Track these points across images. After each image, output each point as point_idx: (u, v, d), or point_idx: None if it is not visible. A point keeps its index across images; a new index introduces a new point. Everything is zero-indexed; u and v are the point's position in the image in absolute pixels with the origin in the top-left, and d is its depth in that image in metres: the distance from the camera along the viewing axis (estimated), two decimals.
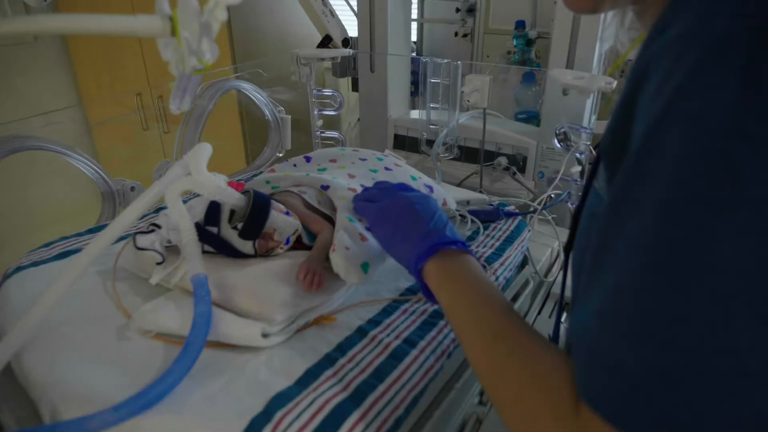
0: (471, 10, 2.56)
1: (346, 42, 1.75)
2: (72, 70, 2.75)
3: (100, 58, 2.68)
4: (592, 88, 1.15)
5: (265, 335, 0.69)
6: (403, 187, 0.77)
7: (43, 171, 1.74)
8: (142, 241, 0.77)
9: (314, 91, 1.61)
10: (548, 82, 1.42)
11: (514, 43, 2.31)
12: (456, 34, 2.66)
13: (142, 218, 1.04)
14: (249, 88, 1.41)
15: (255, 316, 0.71)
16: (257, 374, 0.65)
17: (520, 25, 2.28)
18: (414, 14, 2.72)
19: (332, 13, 1.72)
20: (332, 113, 1.65)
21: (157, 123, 2.46)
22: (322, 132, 1.69)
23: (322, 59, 1.59)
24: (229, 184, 0.74)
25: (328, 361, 0.68)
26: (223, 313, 0.71)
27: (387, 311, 0.80)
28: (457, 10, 2.57)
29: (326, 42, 1.76)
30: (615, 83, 1.16)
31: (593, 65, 1.36)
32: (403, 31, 1.73)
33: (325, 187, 0.93)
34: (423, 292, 0.62)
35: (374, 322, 0.77)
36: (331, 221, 0.88)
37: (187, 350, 0.64)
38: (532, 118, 2.13)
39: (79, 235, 1.02)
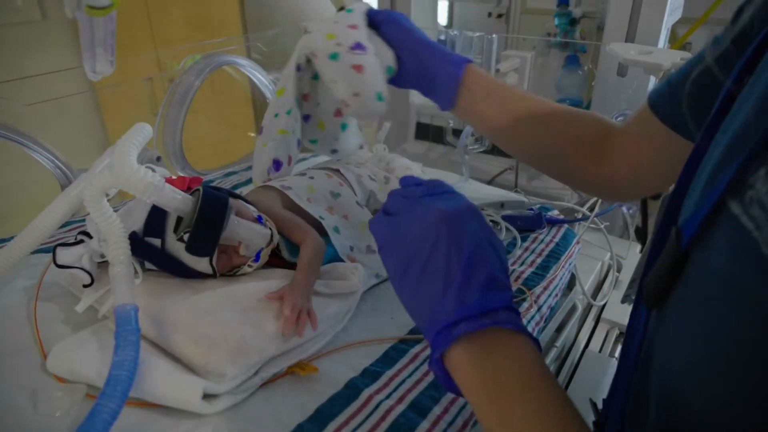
0: None
1: None
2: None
3: None
4: (664, 65, 0.91)
5: (210, 396, 0.49)
6: (437, 188, 0.49)
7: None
8: (65, 256, 0.57)
9: None
10: (602, 60, 1.18)
11: (556, 22, 2.05)
12: (490, 14, 2.40)
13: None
14: (246, 65, 1.21)
15: (200, 368, 0.50)
16: None
17: (564, 2, 2.02)
18: None
19: None
20: None
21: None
22: None
23: None
24: (177, 180, 0.54)
25: None
26: (155, 362, 0.51)
27: (389, 357, 0.58)
28: None
29: None
30: None
31: (660, 41, 1.11)
32: (430, 0, 1.50)
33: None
34: (442, 382, 0.41)
35: (370, 374, 0.56)
36: (321, 227, 0.67)
37: (92, 419, 0.44)
38: (575, 106, 1.88)
39: None
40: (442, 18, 2.55)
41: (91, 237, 0.59)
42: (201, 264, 0.58)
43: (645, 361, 0.36)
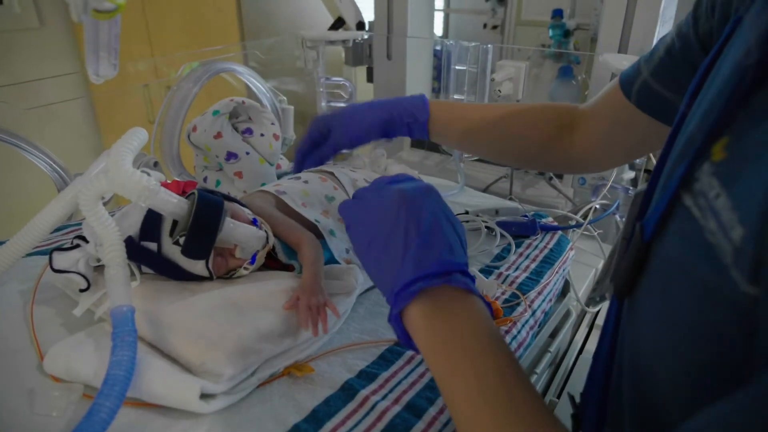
0: (502, 0, 2.34)
1: (361, 26, 1.55)
2: (79, 58, 2.61)
3: None
4: None
5: (207, 396, 0.49)
6: (401, 179, 0.54)
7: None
8: (62, 260, 0.58)
9: (322, 79, 1.41)
10: (596, 71, 1.20)
11: (550, 34, 2.08)
12: (485, 25, 2.43)
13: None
14: (244, 72, 1.22)
15: (197, 369, 0.51)
16: None
17: (558, 14, 2.05)
18: (439, 4, 2.52)
19: None
20: (342, 104, 1.45)
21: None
22: None
23: (331, 42, 1.39)
24: (171, 184, 0.55)
25: None
26: (152, 362, 0.51)
27: (385, 359, 0.59)
28: None
29: (338, 25, 1.55)
30: None
31: None
32: (426, 12, 1.52)
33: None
34: (401, 339, 0.44)
35: (367, 376, 0.56)
36: (317, 231, 0.68)
37: (90, 418, 0.45)
38: None
39: None
40: (438, 29, 2.58)
41: (87, 241, 0.59)
42: (197, 267, 0.59)
43: (619, 350, 0.38)
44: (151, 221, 0.57)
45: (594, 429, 0.41)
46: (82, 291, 0.58)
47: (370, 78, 1.62)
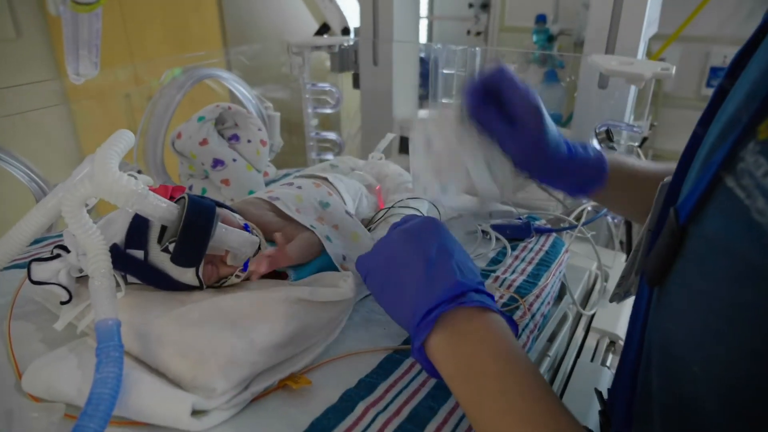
0: (485, 6, 2.35)
1: (346, 31, 1.54)
2: (57, 68, 2.56)
3: None
4: (645, 75, 0.92)
5: (199, 412, 0.46)
6: (407, 220, 0.57)
7: None
8: (41, 271, 0.54)
9: (308, 85, 1.39)
10: (583, 73, 1.20)
11: (534, 39, 2.09)
12: (468, 32, 2.44)
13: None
14: (229, 78, 1.20)
15: (187, 383, 0.48)
16: None
17: (541, 19, 2.07)
18: (423, 11, 2.52)
19: None
20: (329, 111, 1.43)
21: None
22: (317, 133, 1.47)
23: (317, 48, 1.38)
24: (159, 189, 0.52)
25: None
26: (140, 377, 0.48)
27: (384, 369, 0.56)
28: (470, 5, 2.35)
29: (323, 31, 1.54)
30: (673, 69, 0.93)
31: (639, 52, 1.14)
32: (412, 18, 1.51)
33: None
34: (428, 371, 0.46)
35: (366, 386, 0.54)
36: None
37: None
38: (554, 121, 1.90)
39: None
40: (422, 37, 2.58)
41: (68, 251, 0.56)
42: (186, 275, 0.56)
43: (647, 343, 0.37)
44: (137, 228, 0.54)
45: (624, 425, 0.40)
46: (63, 303, 0.55)
47: (356, 84, 1.61)
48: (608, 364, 0.90)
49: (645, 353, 0.37)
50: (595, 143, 1.08)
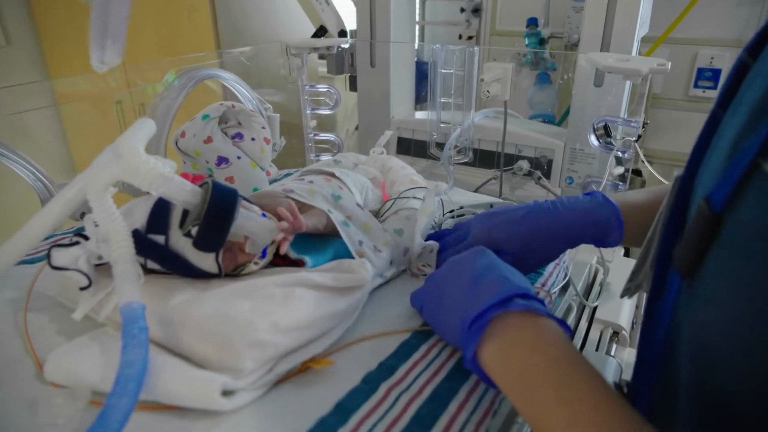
0: (476, 10, 2.38)
1: (343, 34, 1.56)
2: (47, 74, 2.56)
3: (76, 63, 2.47)
4: (642, 71, 0.95)
5: (227, 393, 0.46)
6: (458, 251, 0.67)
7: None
8: (61, 257, 0.55)
9: (306, 87, 1.40)
10: (578, 73, 1.22)
11: (526, 42, 2.12)
12: (460, 36, 2.47)
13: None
14: (230, 78, 1.20)
15: (214, 365, 0.48)
16: None
17: (533, 23, 2.10)
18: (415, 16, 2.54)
19: (327, 2, 1.52)
20: (327, 112, 1.44)
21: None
22: (316, 134, 1.48)
23: (315, 49, 1.39)
24: (182, 175, 0.53)
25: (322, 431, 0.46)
26: (166, 360, 0.48)
27: (402, 353, 0.57)
28: (462, 10, 2.38)
29: (320, 34, 1.56)
30: (669, 64, 0.96)
31: (633, 50, 1.16)
32: (408, 21, 1.53)
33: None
34: (484, 382, 0.47)
35: (387, 368, 0.54)
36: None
37: (102, 419, 0.42)
38: (547, 122, 1.93)
39: None
40: (415, 41, 2.60)
41: (86, 238, 0.57)
42: (206, 262, 0.56)
43: (673, 336, 0.37)
44: (160, 212, 0.55)
45: (646, 418, 0.40)
46: (82, 289, 0.55)
47: (353, 87, 1.62)
48: (613, 353, 0.92)
49: (669, 345, 0.37)
50: (594, 139, 1.11)
